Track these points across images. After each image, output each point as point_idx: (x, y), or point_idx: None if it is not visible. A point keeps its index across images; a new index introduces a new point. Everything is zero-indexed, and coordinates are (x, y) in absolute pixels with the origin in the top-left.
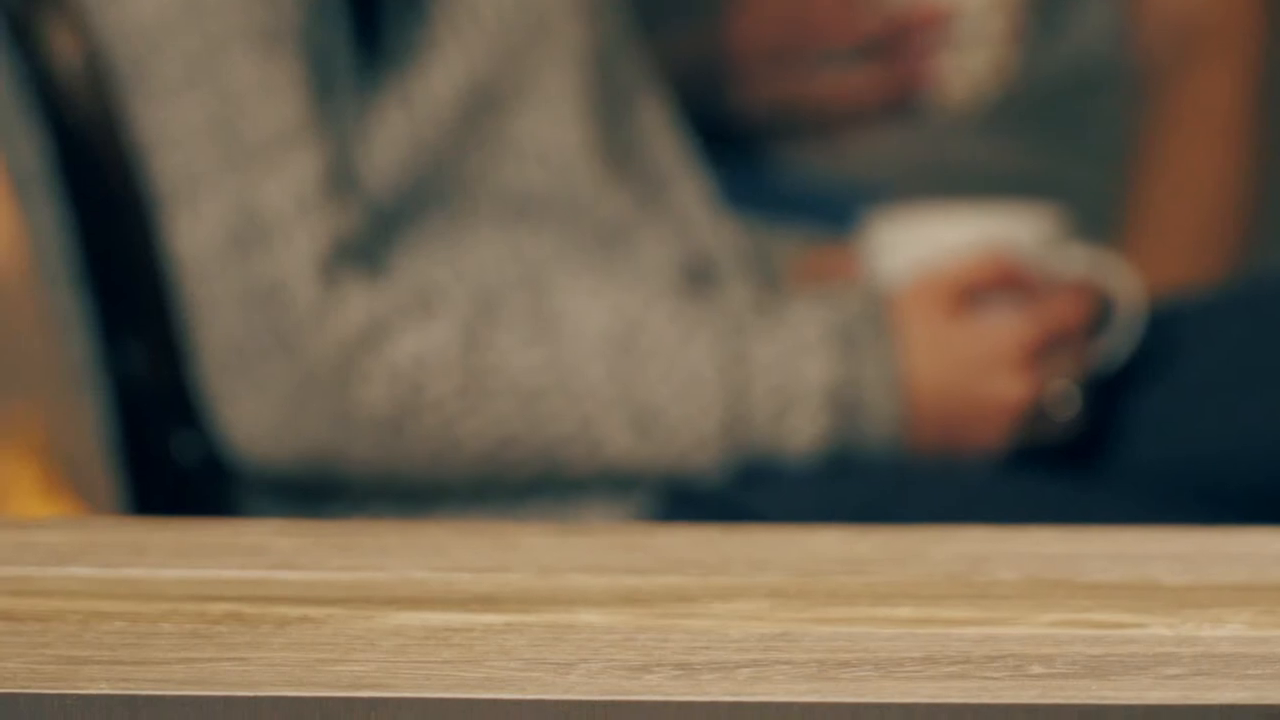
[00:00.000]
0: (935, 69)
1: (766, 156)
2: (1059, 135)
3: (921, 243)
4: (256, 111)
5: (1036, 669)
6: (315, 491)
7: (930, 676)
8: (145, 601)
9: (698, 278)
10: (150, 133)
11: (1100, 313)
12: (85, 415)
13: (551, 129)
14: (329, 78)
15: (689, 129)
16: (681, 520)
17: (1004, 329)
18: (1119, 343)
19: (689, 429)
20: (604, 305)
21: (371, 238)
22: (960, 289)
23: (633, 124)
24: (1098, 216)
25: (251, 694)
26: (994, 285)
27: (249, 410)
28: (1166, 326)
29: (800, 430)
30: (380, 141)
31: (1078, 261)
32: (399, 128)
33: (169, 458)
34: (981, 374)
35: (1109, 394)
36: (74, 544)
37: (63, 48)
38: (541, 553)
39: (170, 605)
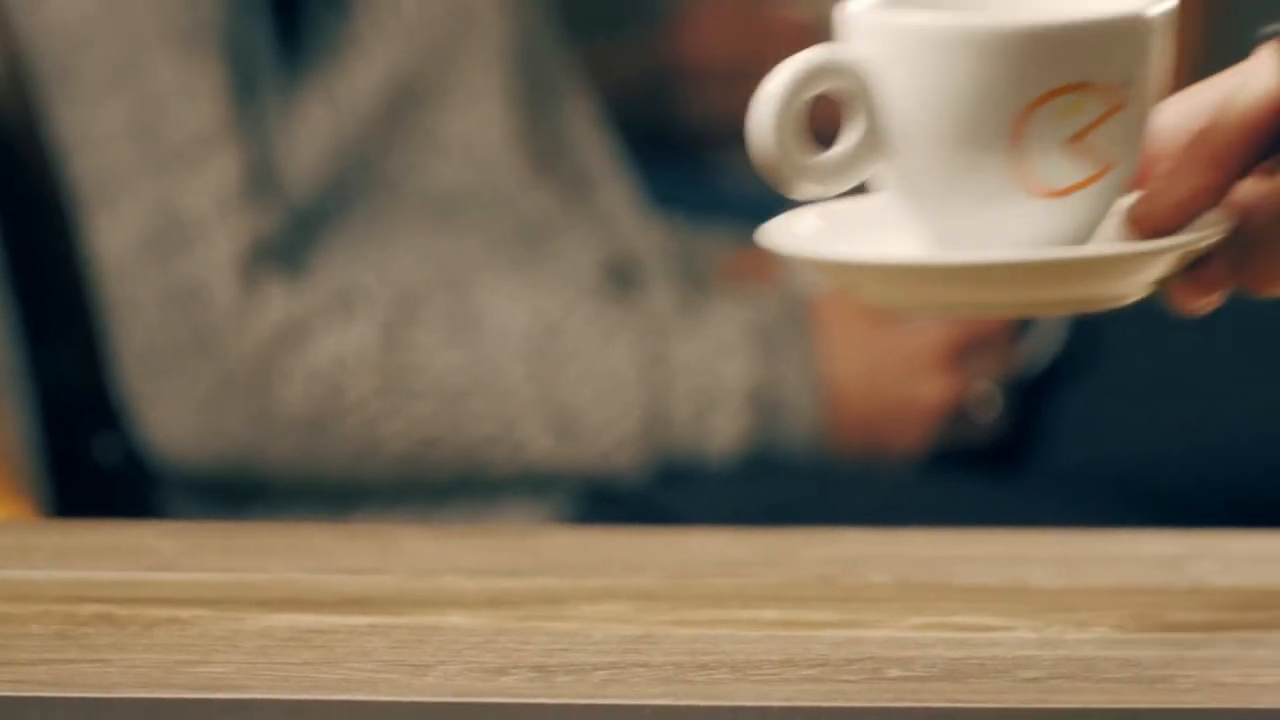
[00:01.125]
0: None
1: (695, 158)
2: None
3: None
4: (177, 113)
5: (894, 672)
6: (237, 492)
7: (786, 679)
8: (17, 603)
9: (621, 278)
10: (71, 134)
11: None
12: (9, 416)
13: (475, 124)
14: (251, 77)
15: (622, 131)
16: (602, 521)
17: (925, 331)
18: (1042, 345)
19: (609, 430)
20: (525, 306)
21: (292, 238)
22: None
23: (558, 122)
24: None
25: (107, 695)
26: None
27: (169, 411)
28: (1089, 329)
29: (721, 430)
30: (303, 139)
31: None
32: (322, 125)
33: (91, 459)
34: (902, 375)
35: (1032, 396)
36: None
37: None
38: (419, 555)
39: (43, 607)
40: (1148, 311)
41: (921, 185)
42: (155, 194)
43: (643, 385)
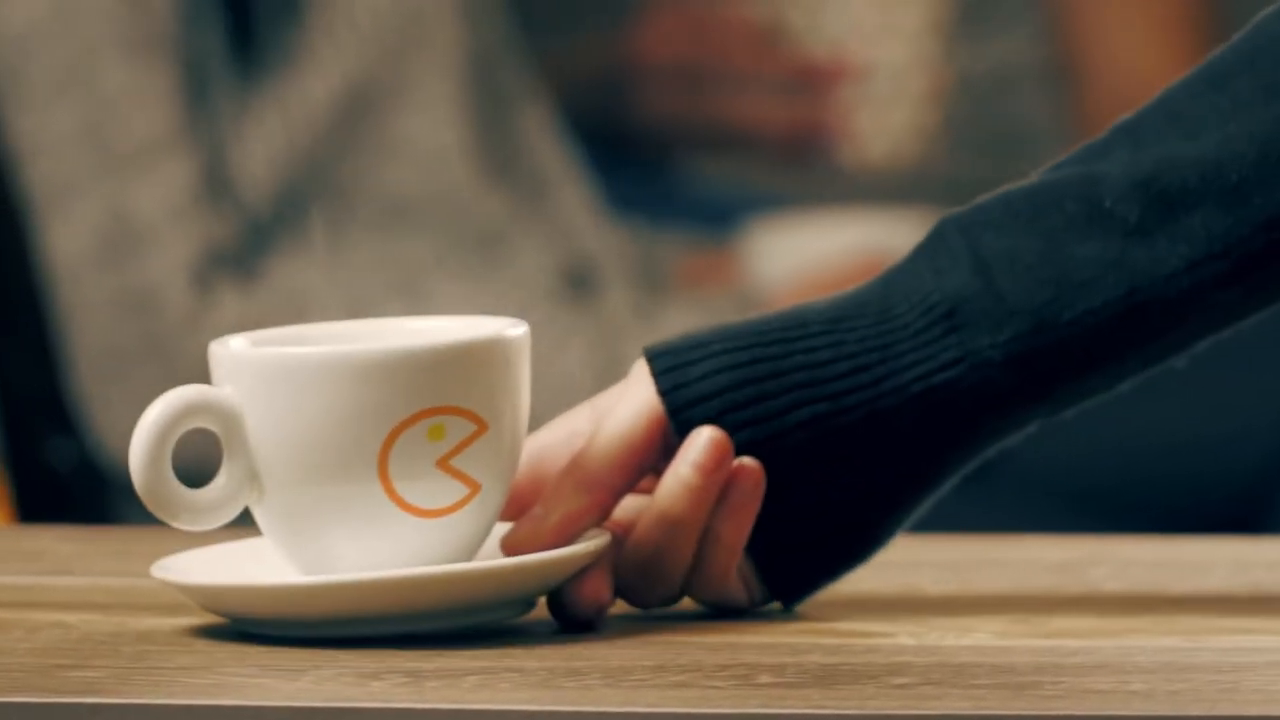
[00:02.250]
0: (848, 123)
1: (656, 161)
2: (983, 135)
3: (802, 247)
4: (128, 119)
5: (765, 678)
6: None
7: (654, 685)
8: None
9: (579, 282)
10: (23, 139)
11: None
12: None
13: (428, 131)
14: (203, 84)
15: (581, 134)
16: None
17: None
18: None
19: None
20: (477, 310)
21: (246, 243)
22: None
23: (514, 129)
24: None
25: None
26: None
27: (122, 415)
28: None
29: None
30: (257, 146)
31: None
32: (275, 132)
33: (46, 463)
34: None
35: None
36: None
37: None
38: None
39: None
40: None
41: (298, 515)
42: (107, 199)
43: (596, 389)
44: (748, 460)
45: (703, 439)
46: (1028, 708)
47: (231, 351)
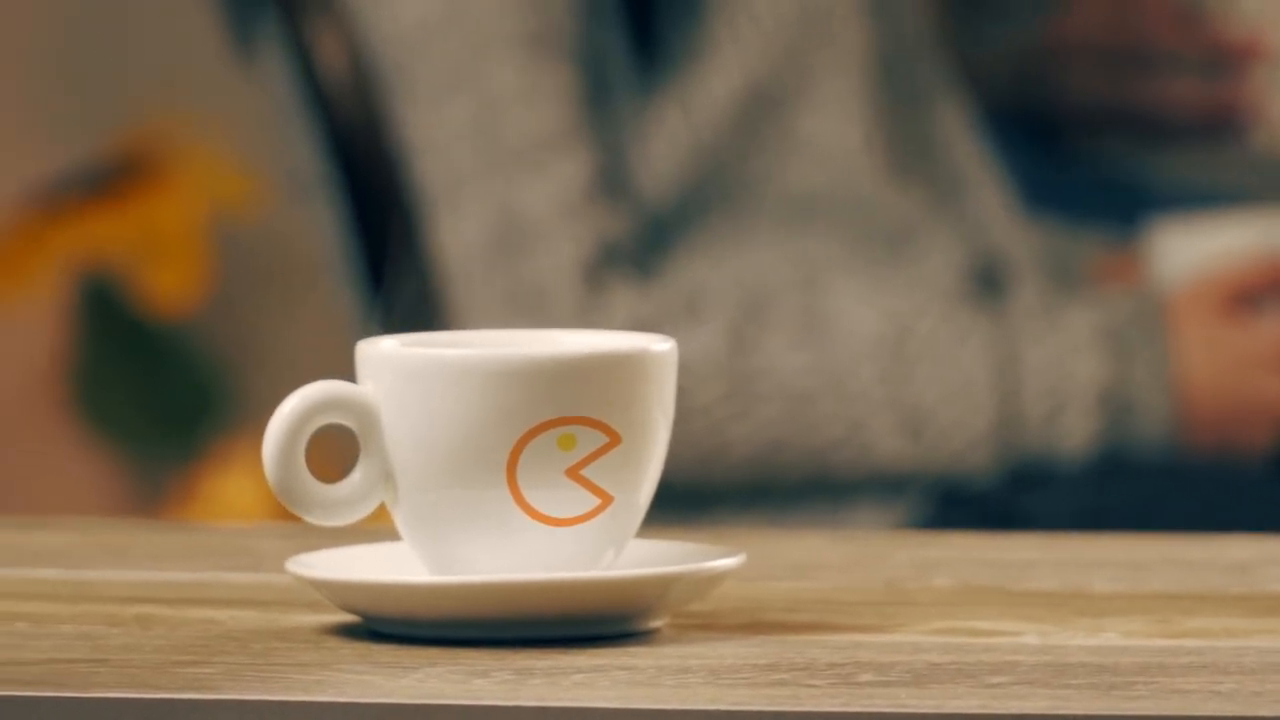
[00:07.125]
0: (1263, 107)
1: (1076, 150)
2: None
3: (1204, 246)
4: (519, 116)
5: (866, 677)
6: None
7: (753, 683)
8: (69, 603)
9: (987, 280)
10: (413, 136)
11: None
12: None
13: (833, 131)
14: (601, 82)
15: (1001, 125)
16: (953, 523)
17: (1278, 330)
18: None
19: (960, 431)
20: (876, 308)
21: (643, 241)
22: (1236, 291)
23: (928, 126)
24: None
25: (80, 695)
26: (1271, 288)
27: None
28: None
29: (1072, 431)
30: (658, 145)
31: None
32: (677, 131)
33: None
34: (1255, 374)
35: None
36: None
37: (330, 52)
38: None
39: (89, 607)
40: None
41: (429, 516)
42: (498, 196)
43: (994, 386)
44: None
45: None
46: (1105, 708)
47: (375, 350)
